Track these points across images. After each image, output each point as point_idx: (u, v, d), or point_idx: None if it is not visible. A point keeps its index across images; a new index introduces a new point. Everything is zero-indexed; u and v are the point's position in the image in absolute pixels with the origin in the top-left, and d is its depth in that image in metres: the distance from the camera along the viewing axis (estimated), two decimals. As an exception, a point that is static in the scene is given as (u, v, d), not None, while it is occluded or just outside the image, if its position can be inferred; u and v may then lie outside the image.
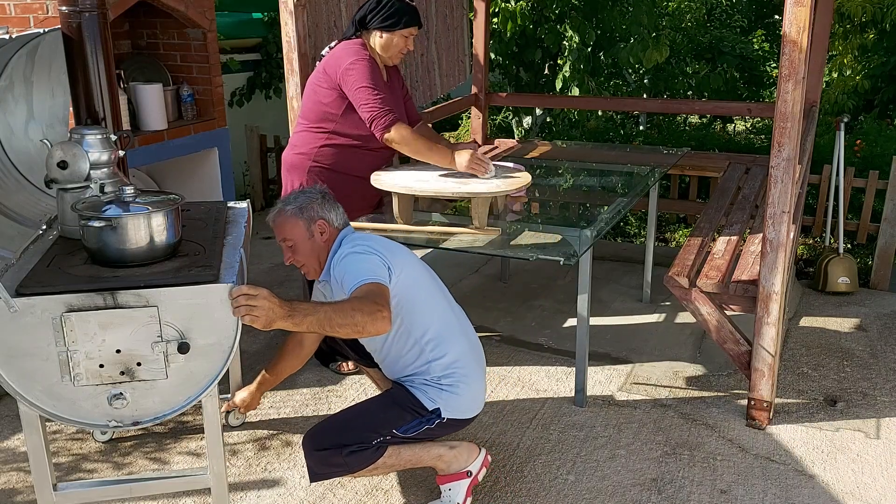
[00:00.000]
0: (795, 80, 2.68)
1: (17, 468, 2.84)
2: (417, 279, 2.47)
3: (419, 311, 2.45)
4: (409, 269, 2.45)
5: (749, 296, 3.03)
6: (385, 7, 3.05)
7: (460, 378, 2.47)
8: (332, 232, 2.47)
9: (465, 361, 2.51)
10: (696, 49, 8.21)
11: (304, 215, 2.44)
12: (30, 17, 3.76)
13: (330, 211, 2.48)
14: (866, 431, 3.07)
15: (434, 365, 2.46)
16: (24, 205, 2.74)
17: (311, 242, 2.45)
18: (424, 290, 2.49)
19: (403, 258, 2.46)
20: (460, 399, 2.48)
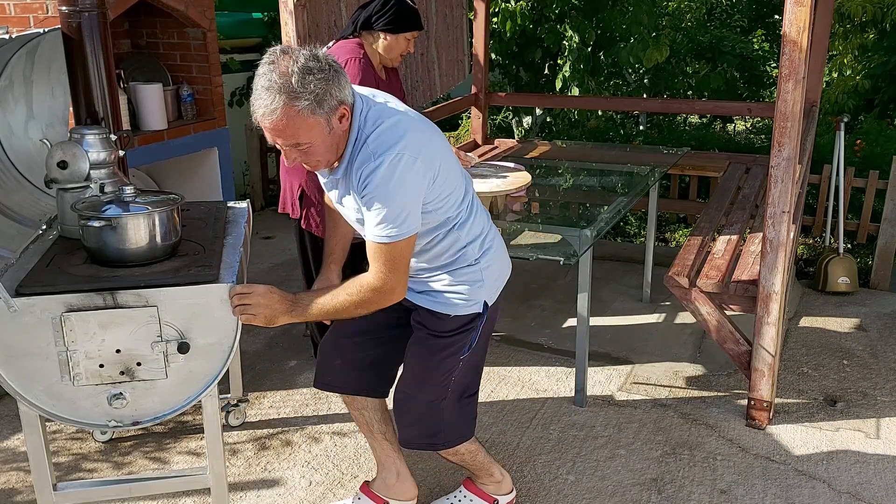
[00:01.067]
0: (795, 79, 2.68)
1: (16, 468, 2.84)
2: (448, 168, 2.02)
3: (451, 199, 2.05)
4: (444, 162, 2.00)
5: (749, 296, 3.03)
6: (391, 10, 3.06)
7: (493, 244, 2.22)
8: (347, 110, 1.91)
9: (489, 224, 2.25)
10: (696, 49, 8.21)
11: (323, 109, 1.83)
12: (30, 17, 3.76)
13: (346, 85, 1.89)
14: (866, 431, 3.07)
15: (470, 248, 2.14)
16: (23, 204, 2.74)
17: (330, 137, 1.89)
18: (453, 173, 2.05)
19: (438, 147, 2.01)
20: (497, 272, 2.25)
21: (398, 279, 1.97)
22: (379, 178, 1.87)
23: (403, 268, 1.98)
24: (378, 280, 1.97)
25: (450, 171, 2.02)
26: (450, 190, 2.02)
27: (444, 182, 1.98)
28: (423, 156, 1.91)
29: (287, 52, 1.82)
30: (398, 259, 1.95)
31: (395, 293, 1.99)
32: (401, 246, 1.93)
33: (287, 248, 5.21)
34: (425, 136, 1.97)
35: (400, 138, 1.89)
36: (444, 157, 2.00)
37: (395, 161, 1.86)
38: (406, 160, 1.87)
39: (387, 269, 1.95)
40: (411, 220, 1.92)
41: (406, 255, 1.97)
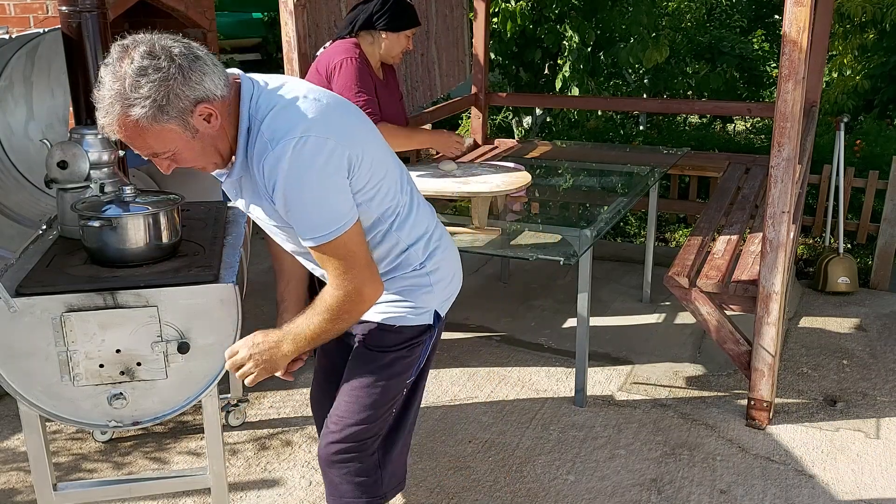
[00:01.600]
0: (795, 79, 2.68)
1: (17, 468, 2.84)
2: (375, 152, 1.72)
3: (383, 188, 1.73)
4: (369, 145, 1.70)
5: (749, 296, 3.03)
6: (392, 8, 3.08)
7: (440, 244, 1.90)
8: (223, 105, 1.56)
9: (434, 221, 1.94)
10: (695, 49, 8.21)
11: (169, 114, 1.50)
12: (30, 17, 3.76)
13: (205, 79, 1.52)
14: (866, 431, 3.07)
15: (413, 250, 1.83)
16: (23, 204, 2.74)
17: (197, 141, 1.57)
18: (382, 159, 1.74)
19: (357, 128, 1.70)
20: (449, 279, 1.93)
21: (362, 275, 1.67)
22: (286, 169, 1.54)
23: (362, 260, 1.67)
24: (339, 287, 1.67)
25: (377, 155, 1.71)
26: (380, 176, 1.70)
27: (372, 167, 1.67)
28: (335, 134, 1.58)
29: (126, 48, 1.49)
30: (350, 254, 1.64)
31: (364, 293, 1.69)
32: (345, 239, 1.62)
33: (287, 249, 5.20)
34: (338, 114, 1.65)
35: (301, 119, 1.57)
36: (367, 139, 1.70)
37: (300, 145, 1.54)
38: (313, 141, 1.55)
39: (343, 270, 1.65)
40: (344, 207, 1.61)
41: (358, 246, 1.66)
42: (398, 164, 1.83)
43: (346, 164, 1.60)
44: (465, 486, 2.74)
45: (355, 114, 1.74)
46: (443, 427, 3.11)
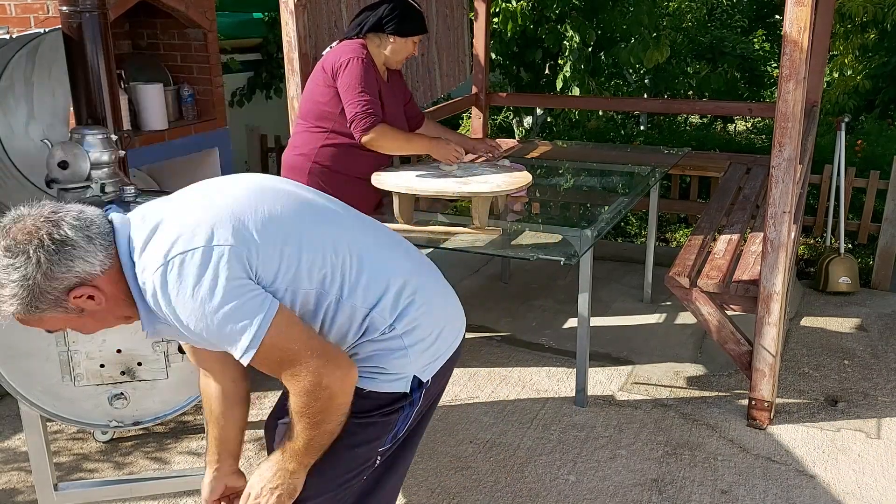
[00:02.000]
0: (796, 80, 2.68)
1: (18, 468, 2.84)
2: (276, 227, 1.51)
3: (303, 264, 1.52)
4: (263, 223, 1.50)
5: (750, 296, 3.03)
6: (402, 13, 3.09)
7: (414, 299, 1.64)
8: (106, 278, 1.44)
9: (406, 272, 1.67)
10: (696, 49, 8.22)
11: (40, 308, 1.42)
12: (30, 18, 3.76)
13: (71, 265, 1.40)
14: (867, 431, 3.07)
15: (376, 314, 1.59)
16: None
17: (88, 316, 1.49)
18: (291, 232, 1.53)
19: (238, 214, 1.49)
20: (432, 340, 1.67)
21: (313, 368, 1.45)
22: (177, 297, 1.41)
23: (305, 352, 1.46)
24: (296, 391, 1.47)
25: (280, 230, 1.51)
26: (293, 250, 1.50)
27: (275, 250, 1.48)
28: (204, 239, 1.42)
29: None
30: (287, 346, 1.45)
31: (326, 384, 1.47)
32: (273, 334, 1.43)
33: (288, 249, 5.20)
34: (202, 208, 1.48)
35: (167, 242, 1.43)
36: (257, 214, 1.50)
37: (172, 269, 1.40)
38: (178, 260, 1.41)
39: (291, 372, 1.46)
40: (255, 302, 1.42)
41: (293, 341, 1.46)
42: (331, 219, 1.62)
43: (234, 260, 1.42)
44: (467, 487, 2.74)
45: (238, 189, 1.55)
46: (444, 427, 3.11)
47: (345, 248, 1.58)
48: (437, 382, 1.73)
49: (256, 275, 1.45)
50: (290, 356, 1.45)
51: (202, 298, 1.39)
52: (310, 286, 1.52)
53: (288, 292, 1.50)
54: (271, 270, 1.47)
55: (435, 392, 1.76)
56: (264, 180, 1.63)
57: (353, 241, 1.60)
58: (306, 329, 1.50)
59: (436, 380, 1.71)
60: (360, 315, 1.58)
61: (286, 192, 1.62)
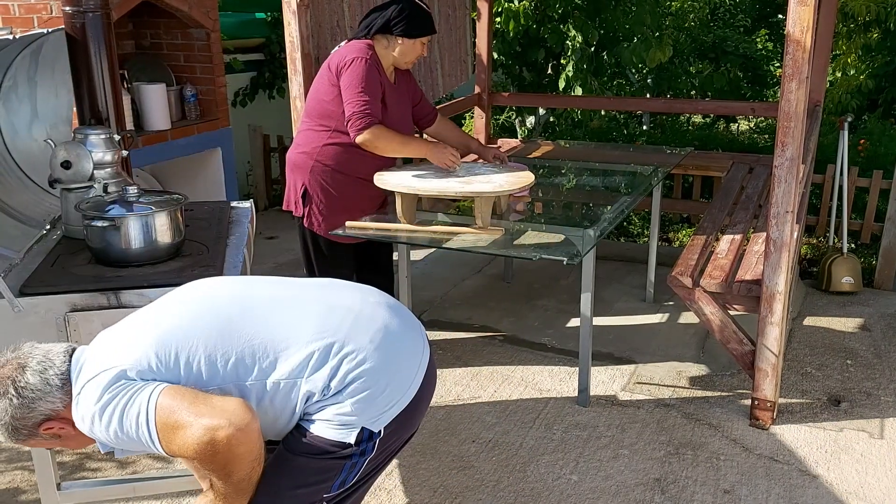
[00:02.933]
0: (799, 79, 2.67)
1: (21, 467, 2.85)
2: (168, 340, 1.59)
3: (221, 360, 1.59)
4: (160, 341, 1.59)
5: (753, 295, 3.02)
6: (410, 15, 3.08)
7: (349, 355, 1.63)
8: (67, 412, 1.60)
9: (334, 326, 1.66)
10: (699, 49, 8.21)
11: (22, 436, 1.62)
12: (34, 18, 3.77)
13: (33, 406, 1.57)
14: (870, 431, 3.06)
15: (308, 380, 1.61)
16: (27, 204, 2.74)
17: (66, 440, 1.68)
18: (185, 338, 1.60)
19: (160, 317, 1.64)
20: (379, 391, 1.64)
21: (201, 423, 1.48)
22: (91, 425, 1.56)
23: (187, 414, 1.49)
24: (190, 449, 1.49)
25: (173, 340, 1.59)
26: (203, 369, 1.57)
27: (171, 358, 1.57)
28: (99, 368, 1.55)
29: None
30: (175, 419, 1.49)
31: (217, 432, 1.47)
32: (160, 414, 1.50)
33: (291, 248, 5.21)
34: (114, 340, 1.62)
35: (80, 380, 1.58)
36: (158, 330, 1.60)
37: (78, 404, 1.57)
38: (84, 390, 1.56)
39: (184, 434, 1.49)
40: (140, 395, 1.51)
41: (174, 407, 1.50)
42: (233, 312, 1.64)
43: (120, 375, 1.53)
44: (469, 486, 2.74)
45: (158, 309, 1.67)
46: (446, 427, 3.11)
47: (246, 333, 1.61)
48: (398, 430, 1.70)
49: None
50: (182, 425, 1.48)
51: (103, 417, 1.52)
52: (224, 381, 1.58)
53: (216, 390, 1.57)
54: (174, 375, 1.56)
55: (395, 441, 1.72)
56: (188, 293, 1.71)
57: (255, 324, 1.63)
58: (191, 397, 1.52)
59: (395, 427, 1.68)
60: (292, 387, 1.61)
61: (200, 299, 1.69)
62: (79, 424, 1.57)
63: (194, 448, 1.48)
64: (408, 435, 1.78)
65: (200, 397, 1.52)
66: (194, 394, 1.53)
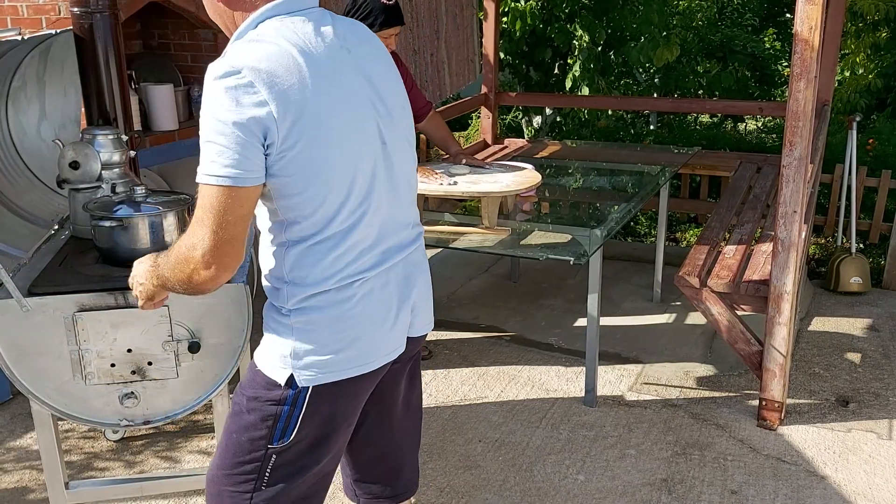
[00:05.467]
0: (807, 78, 2.66)
1: (29, 466, 2.86)
2: (321, 128, 1.44)
3: (301, 180, 1.45)
4: (314, 112, 1.43)
5: (760, 296, 3.01)
6: (361, 8, 2.99)
7: (324, 306, 1.53)
8: None
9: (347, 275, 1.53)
10: (706, 48, 8.18)
11: None
12: (42, 19, 3.78)
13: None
14: (878, 432, 3.05)
15: (287, 288, 1.54)
16: (36, 204, 2.75)
17: (219, 2, 1.56)
18: (328, 144, 1.46)
19: (311, 90, 1.43)
20: (328, 338, 1.55)
21: (207, 240, 1.42)
22: (208, 77, 1.43)
23: (217, 228, 1.41)
24: (188, 238, 1.46)
25: (322, 135, 1.44)
26: (309, 166, 1.44)
27: (300, 143, 1.42)
28: (254, 73, 1.39)
29: None
30: (210, 213, 1.41)
31: (199, 256, 1.43)
32: (214, 195, 1.40)
33: (297, 248, 5.21)
34: (296, 65, 1.42)
35: (246, 52, 1.42)
36: (316, 107, 1.43)
37: (222, 65, 1.41)
38: (233, 63, 1.40)
39: (206, 234, 1.42)
40: (228, 159, 1.39)
41: (223, 213, 1.41)
42: (355, 182, 1.51)
43: (252, 108, 1.38)
44: (475, 486, 2.74)
45: (334, 86, 1.48)
46: (452, 426, 3.11)
47: (343, 220, 1.50)
48: (332, 403, 1.60)
49: (264, 136, 1.40)
50: (203, 213, 1.42)
51: (204, 109, 1.42)
52: (287, 198, 1.47)
53: (272, 168, 1.43)
54: (277, 148, 1.41)
55: (326, 413, 1.60)
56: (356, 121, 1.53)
57: (360, 211, 1.52)
58: (245, 221, 1.45)
59: (329, 399, 1.58)
60: (276, 272, 1.55)
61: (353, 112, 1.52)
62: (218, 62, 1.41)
63: (191, 241, 1.45)
64: (337, 415, 1.62)
65: (229, 225, 1.43)
66: (241, 229, 1.45)
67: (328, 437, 1.63)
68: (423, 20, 4.63)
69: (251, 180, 1.41)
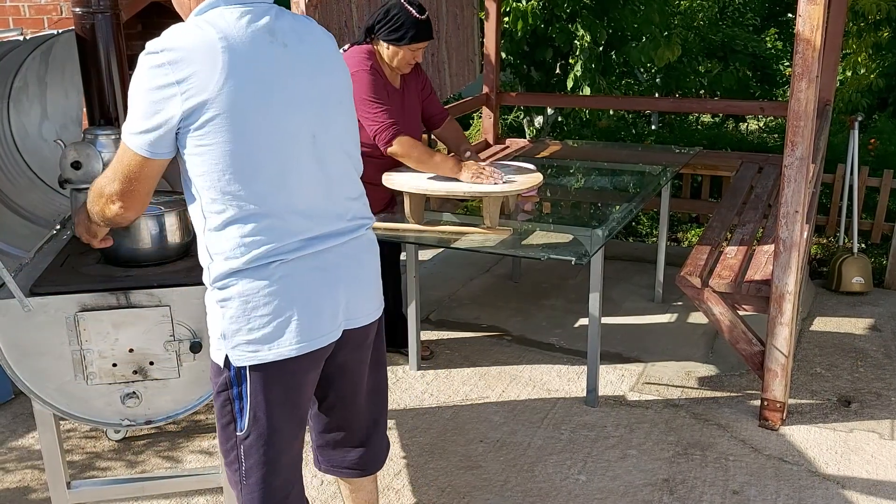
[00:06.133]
0: (809, 78, 2.66)
1: (31, 466, 2.86)
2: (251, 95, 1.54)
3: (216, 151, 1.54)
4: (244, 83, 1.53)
5: (762, 296, 3.01)
6: (393, 20, 3.01)
7: (254, 276, 1.61)
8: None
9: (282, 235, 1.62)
10: (708, 48, 8.18)
11: None
12: (44, 19, 3.79)
13: None
14: (880, 432, 3.05)
15: (218, 260, 1.63)
16: (37, 204, 2.76)
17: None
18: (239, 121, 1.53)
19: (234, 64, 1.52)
20: (250, 313, 1.62)
21: (115, 185, 1.60)
22: (143, 51, 1.57)
23: (123, 179, 1.59)
24: (106, 186, 1.63)
25: (232, 122, 1.52)
26: (218, 150, 1.53)
27: (208, 126, 1.51)
28: (172, 56, 1.50)
29: None
30: (121, 166, 1.59)
31: (108, 194, 1.62)
32: (128, 155, 1.57)
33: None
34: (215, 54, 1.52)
35: (174, 35, 1.56)
36: (229, 96, 1.51)
37: (148, 46, 1.56)
38: (151, 48, 1.54)
39: (115, 181, 1.60)
40: (137, 127, 1.54)
41: (130, 172, 1.58)
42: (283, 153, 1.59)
43: (162, 82, 1.50)
44: (476, 486, 2.74)
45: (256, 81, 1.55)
46: (454, 426, 3.11)
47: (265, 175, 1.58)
48: (272, 384, 1.66)
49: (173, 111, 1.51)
50: (114, 167, 1.60)
51: (132, 82, 1.56)
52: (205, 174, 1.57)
53: (188, 139, 1.54)
54: (189, 122, 1.52)
55: (268, 394, 1.66)
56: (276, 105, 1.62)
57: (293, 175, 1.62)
58: (141, 179, 1.59)
59: (268, 379, 1.65)
60: (205, 240, 1.64)
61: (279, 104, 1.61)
62: None
63: (100, 184, 1.65)
64: (283, 403, 1.69)
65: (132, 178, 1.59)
66: (144, 187, 1.62)
67: (274, 422, 1.70)
68: (424, 20, 4.62)
69: (159, 155, 1.56)
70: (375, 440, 2.04)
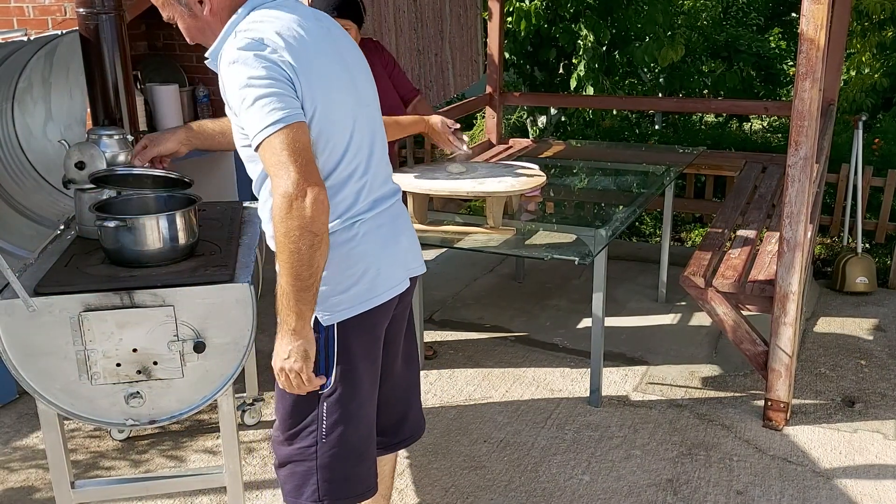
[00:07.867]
0: (813, 78, 2.66)
1: (35, 465, 2.87)
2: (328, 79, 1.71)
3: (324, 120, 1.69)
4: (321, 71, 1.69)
5: (766, 296, 3.01)
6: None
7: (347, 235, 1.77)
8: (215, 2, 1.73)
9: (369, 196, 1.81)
10: (711, 47, 8.17)
11: None
12: (48, 19, 3.79)
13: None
14: (885, 433, 3.04)
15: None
16: (42, 205, 2.76)
17: (194, 20, 1.79)
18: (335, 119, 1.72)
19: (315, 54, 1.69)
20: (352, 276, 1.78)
21: (308, 179, 1.56)
22: (228, 60, 1.62)
23: (310, 164, 1.58)
24: (278, 188, 1.57)
25: (327, 94, 1.68)
26: (319, 120, 1.67)
27: (311, 98, 1.64)
28: (274, 39, 1.62)
29: None
30: (296, 151, 1.57)
31: (294, 190, 1.55)
32: (292, 134, 1.57)
33: (302, 248, 5.22)
34: (309, 49, 1.66)
35: (256, 28, 1.64)
36: (319, 70, 1.67)
37: (240, 40, 1.62)
38: (251, 36, 1.62)
39: (289, 168, 1.56)
40: (285, 101, 1.58)
41: (305, 146, 1.59)
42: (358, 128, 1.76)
43: (280, 61, 1.60)
44: (480, 486, 2.74)
45: (326, 54, 1.72)
46: (457, 426, 3.11)
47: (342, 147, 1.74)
48: (355, 338, 1.81)
49: (300, 91, 1.63)
50: (292, 156, 1.57)
51: (242, 70, 1.60)
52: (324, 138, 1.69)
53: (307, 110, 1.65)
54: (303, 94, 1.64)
55: (352, 349, 1.81)
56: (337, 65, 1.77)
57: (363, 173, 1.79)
58: (303, 147, 1.60)
59: (352, 334, 1.80)
60: None
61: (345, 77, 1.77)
62: (226, 43, 1.66)
63: (285, 185, 1.56)
64: (365, 356, 1.85)
65: (307, 157, 1.60)
66: (305, 150, 1.60)
67: (359, 374, 1.84)
68: (427, 21, 4.63)
69: (298, 116, 1.60)
70: (417, 407, 2.19)
